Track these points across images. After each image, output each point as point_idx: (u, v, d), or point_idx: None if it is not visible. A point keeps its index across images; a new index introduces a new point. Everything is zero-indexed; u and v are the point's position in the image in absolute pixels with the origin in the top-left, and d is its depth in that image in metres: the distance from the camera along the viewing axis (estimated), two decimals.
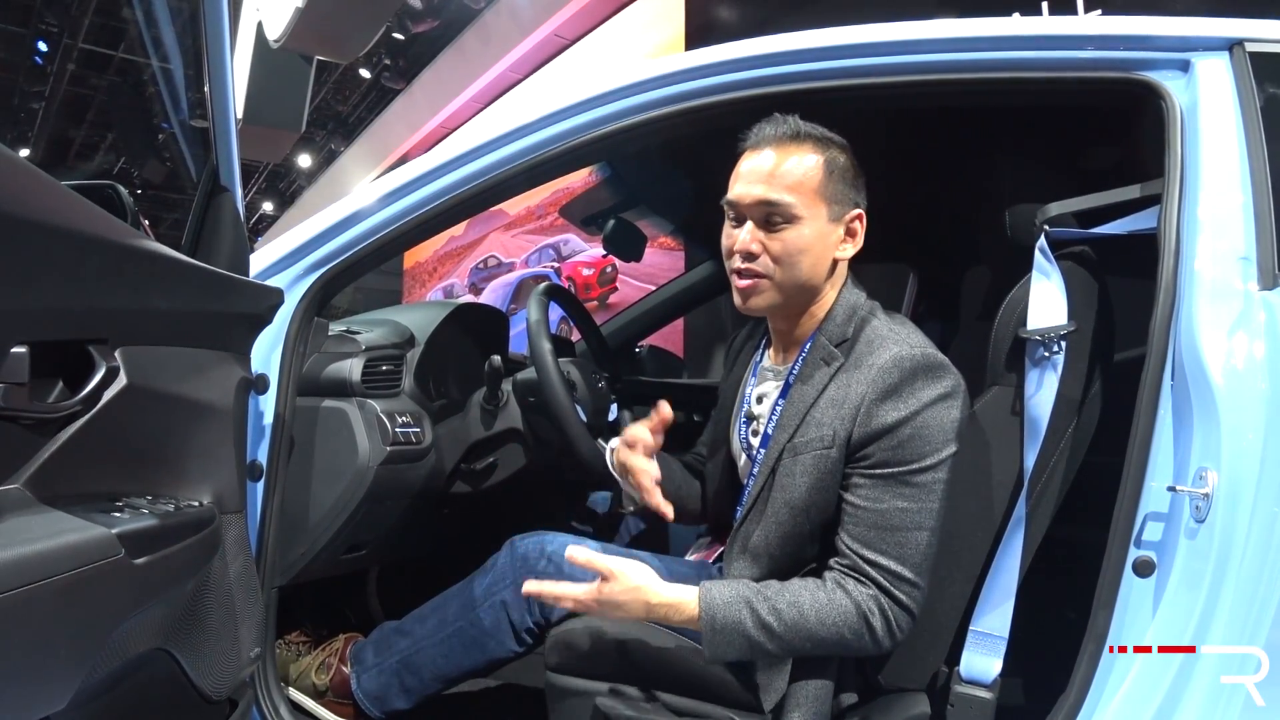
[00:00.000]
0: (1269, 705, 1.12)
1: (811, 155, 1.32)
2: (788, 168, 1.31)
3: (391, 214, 1.57)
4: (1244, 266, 1.22)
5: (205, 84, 1.29)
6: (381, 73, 10.45)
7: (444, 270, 10.97)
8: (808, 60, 1.46)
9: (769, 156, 1.33)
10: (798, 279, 1.33)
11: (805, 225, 1.31)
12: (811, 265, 1.33)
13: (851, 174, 1.36)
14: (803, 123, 1.35)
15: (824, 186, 1.32)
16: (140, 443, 1.01)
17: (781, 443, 1.34)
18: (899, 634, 1.25)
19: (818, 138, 1.34)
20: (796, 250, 1.31)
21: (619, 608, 1.28)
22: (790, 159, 1.32)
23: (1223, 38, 1.35)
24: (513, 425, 1.89)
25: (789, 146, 1.33)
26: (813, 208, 1.31)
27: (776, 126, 1.35)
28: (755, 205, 1.32)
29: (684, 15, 6.50)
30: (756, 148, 1.35)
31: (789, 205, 1.30)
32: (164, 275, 1.05)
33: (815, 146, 1.33)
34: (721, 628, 1.25)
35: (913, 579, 1.25)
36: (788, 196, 1.30)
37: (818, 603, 1.24)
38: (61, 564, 0.75)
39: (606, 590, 1.28)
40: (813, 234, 1.32)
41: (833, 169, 1.33)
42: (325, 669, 1.69)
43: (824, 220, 1.33)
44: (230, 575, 1.19)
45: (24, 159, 0.78)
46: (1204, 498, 1.12)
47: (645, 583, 1.28)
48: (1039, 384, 1.31)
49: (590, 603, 1.29)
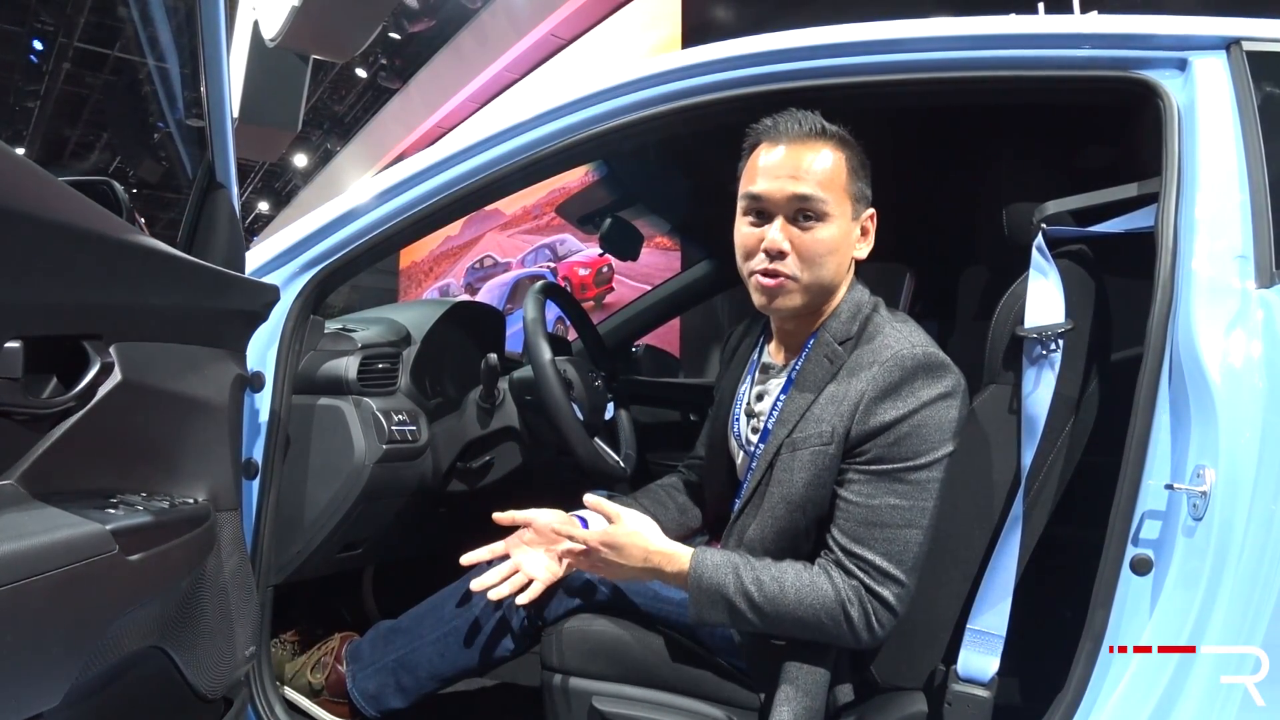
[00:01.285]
0: (1269, 705, 1.12)
1: (836, 152, 1.32)
2: (818, 163, 1.30)
3: (387, 211, 1.57)
4: (1241, 265, 1.22)
5: (201, 81, 1.28)
6: (378, 72, 10.45)
7: (440, 270, 10.97)
8: (803, 59, 1.46)
9: (795, 151, 1.31)
10: (823, 279, 1.32)
11: (834, 223, 1.30)
12: (837, 265, 1.33)
13: (866, 173, 1.36)
14: (824, 119, 1.34)
15: (849, 184, 1.32)
16: (135, 439, 1.00)
17: (780, 438, 1.34)
18: (879, 630, 1.25)
19: (838, 135, 1.34)
20: (827, 249, 1.30)
21: (619, 550, 1.31)
22: (819, 155, 1.31)
23: (1220, 36, 1.35)
24: (509, 424, 1.89)
25: (814, 143, 1.31)
26: (841, 205, 1.31)
27: (800, 122, 1.33)
28: (787, 201, 1.29)
29: (681, 15, 6.51)
30: (775, 142, 1.33)
31: (822, 201, 1.29)
32: (159, 271, 1.04)
33: (838, 144, 1.33)
34: (707, 587, 1.28)
35: (899, 576, 1.24)
36: (821, 192, 1.29)
37: (800, 582, 1.25)
38: (55, 560, 0.74)
39: (613, 530, 1.33)
40: (840, 233, 1.31)
41: (853, 167, 1.33)
42: (321, 668, 1.68)
43: (849, 219, 1.33)
44: (225, 573, 1.19)
45: (19, 153, 0.78)
46: (1201, 495, 1.12)
47: (644, 529, 1.34)
48: (1036, 382, 1.31)
49: (594, 544, 1.32)
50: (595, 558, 1.33)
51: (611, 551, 1.32)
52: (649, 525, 1.36)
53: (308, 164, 14.08)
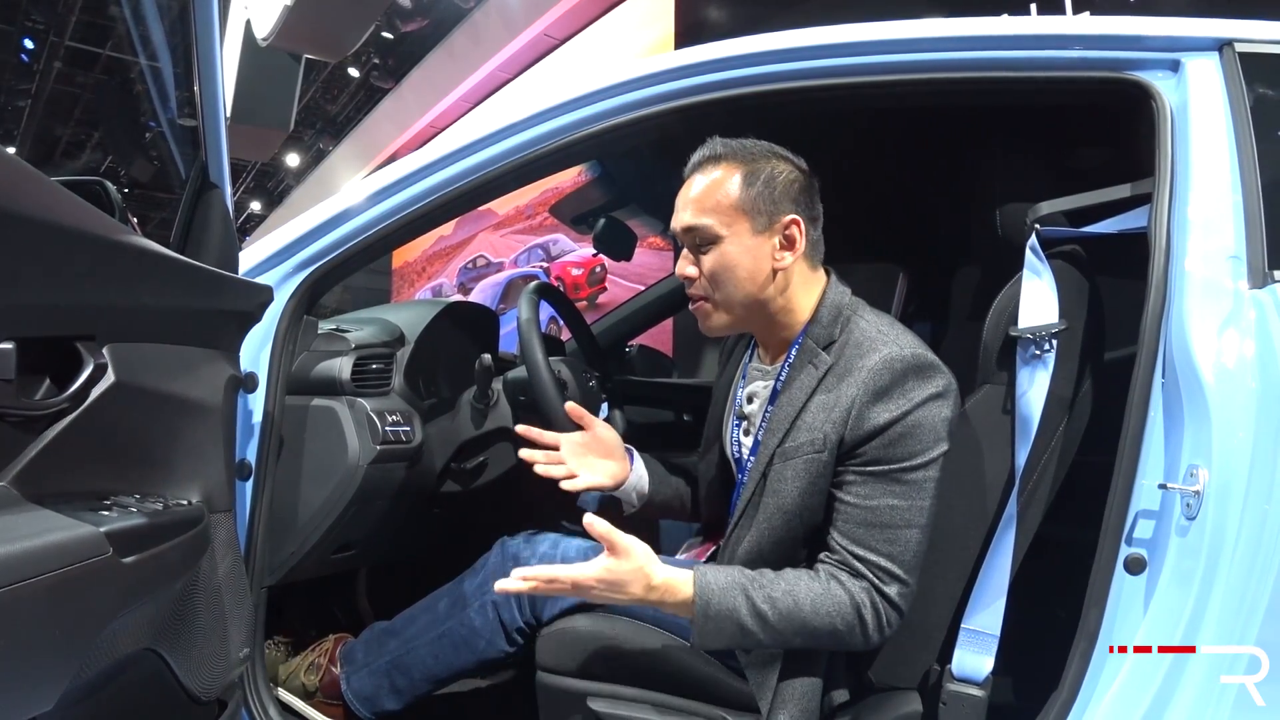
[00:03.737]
0: (1269, 705, 1.12)
1: (728, 172, 1.35)
2: (705, 190, 1.35)
3: (381, 212, 1.57)
4: (1234, 265, 1.22)
5: (195, 80, 1.28)
6: (370, 72, 10.43)
7: (433, 270, 10.95)
8: (797, 59, 1.46)
9: (688, 184, 1.38)
10: (735, 296, 1.36)
11: (727, 243, 1.34)
12: (747, 279, 1.35)
13: (783, 183, 1.35)
14: (728, 141, 1.38)
15: (742, 201, 1.33)
16: (128, 441, 1.00)
17: (771, 447, 1.34)
18: (887, 630, 1.26)
19: (742, 153, 1.36)
20: (722, 268, 1.35)
21: (621, 587, 1.23)
22: (707, 180, 1.36)
23: (1212, 38, 1.35)
24: (503, 424, 1.89)
25: (707, 168, 1.37)
26: (733, 225, 1.34)
27: (700, 151, 1.40)
28: (683, 233, 1.38)
29: (674, 15, 6.50)
30: (687, 175, 1.40)
31: (707, 227, 1.34)
32: (153, 272, 1.04)
33: (735, 163, 1.35)
34: (715, 614, 1.23)
35: (903, 576, 1.25)
36: (704, 219, 1.34)
37: (813, 592, 1.24)
38: (49, 563, 0.74)
39: (614, 566, 1.22)
40: (738, 250, 1.34)
41: (753, 181, 1.34)
42: (315, 670, 1.68)
43: (748, 234, 1.34)
44: (219, 575, 1.18)
45: (10, 152, 0.77)
46: (1195, 495, 1.12)
47: (648, 561, 1.24)
48: (1030, 382, 1.31)
49: (594, 581, 1.23)
50: (594, 594, 1.26)
51: (610, 589, 1.24)
52: (650, 554, 1.26)
53: (300, 163, 14.03)
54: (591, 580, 1.23)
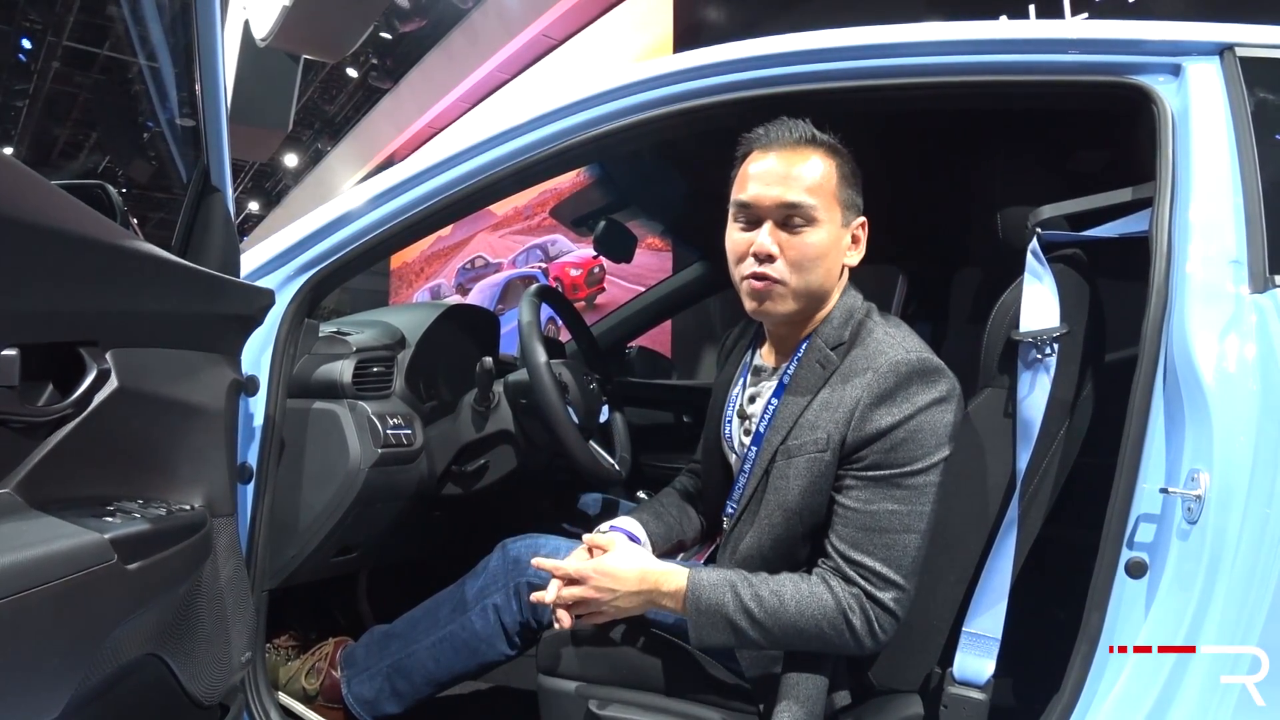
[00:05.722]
0: (1269, 705, 1.12)
1: (826, 160, 1.33)
2: (806, 171, 1.31)
3: (382, 215, 1.57)
4: (1235, 269, 1.22)
5: (196, 82, 1.28)
6: (369, 72, 10.41)
7: (431, 270, 10.94)
8: (797, 63, 1.46)
9: (785, 159, 1.32)
10: (811, 285, 1.33)
11: (823, 229, 1.31)
12: (826, 271, 1.34)
13: (856, 181, 1.37)
14: (813, 128, 1.35)
15: (839, 191, 1.33)
16: (131, 446, 1.00)
17: (774, 445, 1.34)
18: (881, 635, 1.25)
19: (828, 143, 1.35)
20: (815, 254, 1.31)
21: (614, 578, 1.31)
22: (808, 162, 1.32)
23: (1213, 42, 1.35)
24: (504, 427, 1.89)
25: (804, 150, 1.33)
26: (829, 211, 1.32)
27: (790, 130, 1.35)
28: (776, 207, 1.31)
29: (672, 17, 6.50)
30: (766, 149, 1.35)
31: (810, 207, 1.30)
32: (155, 276, 1.04)
33: (827, 152, 1.34)
34: (705, 608, 1.27)
35: (898, 581, 1.25)
36: (809, 198, 1.30)
37: (799, 594, 1.25)
38: (55, 570, 0.74)
39: (604, 560, 1.33)
40: (829, 238, 1.32)
41: (843, 174, 1.34)
42: (315, 673, 1.68)
43: (838, 225, 1.34)
44: (221, 579, 1.18)
45: (9, 154, 0.77)
46: (1196, 499, 1.12)
47: (639, 552, 1.35)
48: (1031, 386, 1.31)
49: (591, 570, 1.32)
50: (591, 585, 1.32)
51: (607, 578, 1.31)
52: (643, 551, 1.37)
53: (298, 164, 14.02)
54: (589, 570, 1.32)
